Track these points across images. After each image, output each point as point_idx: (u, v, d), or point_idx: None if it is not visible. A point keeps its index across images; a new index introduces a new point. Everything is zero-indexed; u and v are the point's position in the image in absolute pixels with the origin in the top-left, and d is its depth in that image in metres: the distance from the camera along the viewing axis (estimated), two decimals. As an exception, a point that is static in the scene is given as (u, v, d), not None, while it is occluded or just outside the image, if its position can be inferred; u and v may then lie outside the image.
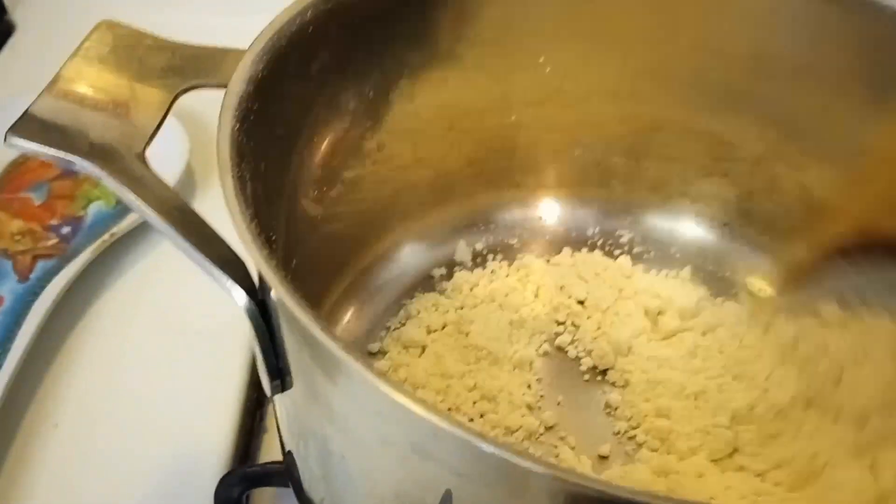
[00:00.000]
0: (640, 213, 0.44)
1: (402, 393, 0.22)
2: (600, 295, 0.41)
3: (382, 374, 0.22)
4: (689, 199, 0.43)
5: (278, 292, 0.24)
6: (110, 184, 0.27)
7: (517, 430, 0.36)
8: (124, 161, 0.27)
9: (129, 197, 0.26)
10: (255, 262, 0.24)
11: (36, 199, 0.48)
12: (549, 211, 0.44)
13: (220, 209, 0.26)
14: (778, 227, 0.41)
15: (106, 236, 0.45)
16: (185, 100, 0.30)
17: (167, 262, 0.46)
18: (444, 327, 0.40)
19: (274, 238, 0.31)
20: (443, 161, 0.41)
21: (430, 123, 0.40)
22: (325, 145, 0.34)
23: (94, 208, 0.47)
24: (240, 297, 0.26)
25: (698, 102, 0.40)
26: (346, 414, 0.25)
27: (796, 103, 0.38)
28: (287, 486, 0.35)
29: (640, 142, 0.42)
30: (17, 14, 0.62)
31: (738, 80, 0.38)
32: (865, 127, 0.35)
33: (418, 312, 0.40)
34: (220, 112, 0.27)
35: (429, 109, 0.39)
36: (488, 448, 0.21)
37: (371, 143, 0.38)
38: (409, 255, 0.42)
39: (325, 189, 0.36)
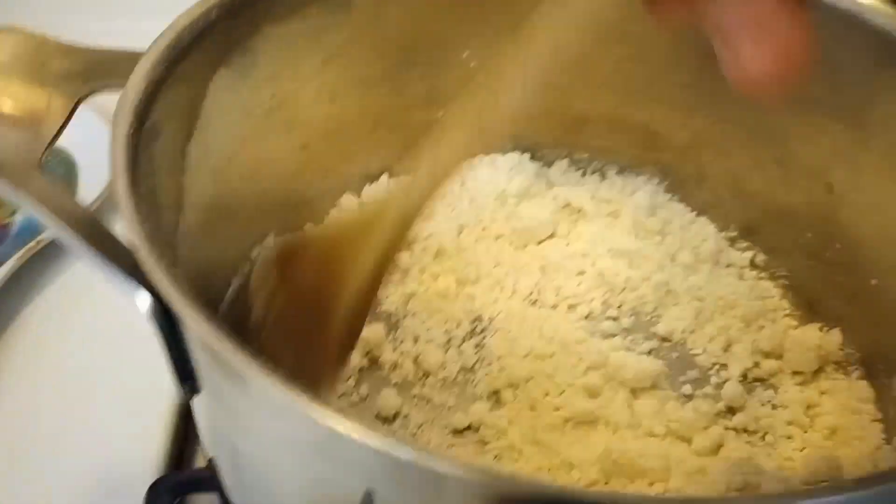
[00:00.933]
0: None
1: (298, 396, 0.22)
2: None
3: (279, 379, 0.22)
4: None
5: (167, 295, 0.24)
6: (10, 196, 0.27)
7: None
8: (23, 173, 0.27)
9: (28, 206, 0.26)
10: (145, 264, 0.24)
11: (-39, 207, 0.47)
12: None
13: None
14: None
15: (32, 243, 0.45)
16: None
17: (93, 269, 0.46)
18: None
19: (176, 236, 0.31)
20: (367, 159, 0.42)
21: (353, 123, 0.40)
22: (227, 145, 0.35)
23: (22, 216, 0.47)
24: (142, 301, 0.27)
25: (623, 94, 0.41)
26: (248, 416, 0.25)
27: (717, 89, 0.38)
28: (216, 491, 0.35)
29: (570, 134, 0.43)
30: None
31: (658, 69, 0.39)
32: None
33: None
34: (115, 114, 0.27)
35: (351, 109, 0.40)
36: (394, 452, 0.21)
37: (294, 143, 0.39)
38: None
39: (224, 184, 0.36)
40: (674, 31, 0.38)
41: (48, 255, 0.46)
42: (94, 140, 0.29)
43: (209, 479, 0.35)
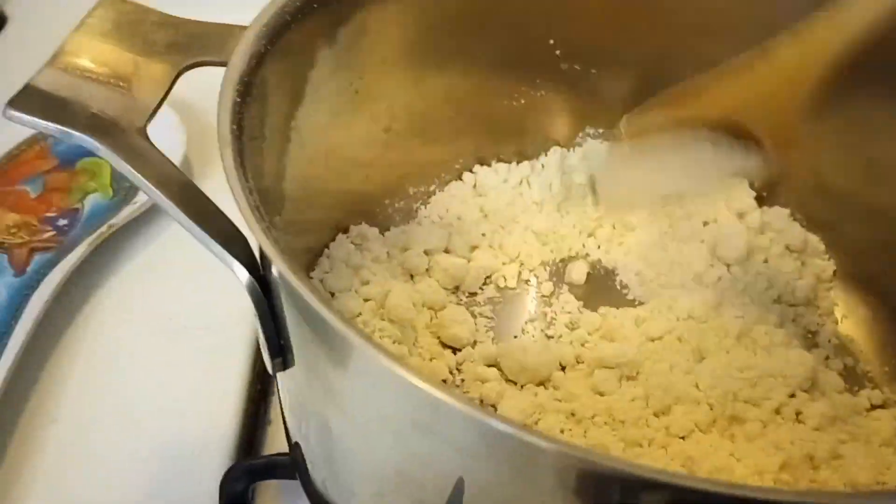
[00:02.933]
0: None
1: (401, 366, 0.22)
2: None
3: (382, 347, 0.23)
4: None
5: (278, 266, 0.24)
6: (109, 157, 0.28)
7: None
8: (125, 136, 0.28)
9: (129, 171, 0.27)
10: (255, 236, 0.25)
11: (31, 191, 0.48)
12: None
13: (219, 198, 0.27)
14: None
15: (103, 228, 0.46)
16: (181, 90, 0.31)
17: (166, 254, 0.47)
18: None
19: (273, 212, 0.32)
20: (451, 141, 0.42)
21: (436, 108, 0.40)
22: (326, 124, 0.35)
23: (91, 200, 0.48)
24: (242, 273, 0.27)
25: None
26: (344, 389, 0.26)
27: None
28: (293, 478, 0.35)
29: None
30: (8, 6, 0.64)
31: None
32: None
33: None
34: (222, 85, 0.28)
35: (435, 92, 0.40)
36: (495, 424, 0.21)
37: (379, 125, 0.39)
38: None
39: (325, 166, 0.36)
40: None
41: (119, 240, 0.47)
42: (160, 123, 0.29)
43: (287, 466, 0.36)
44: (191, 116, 0.49)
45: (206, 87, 0.29)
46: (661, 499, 0.22)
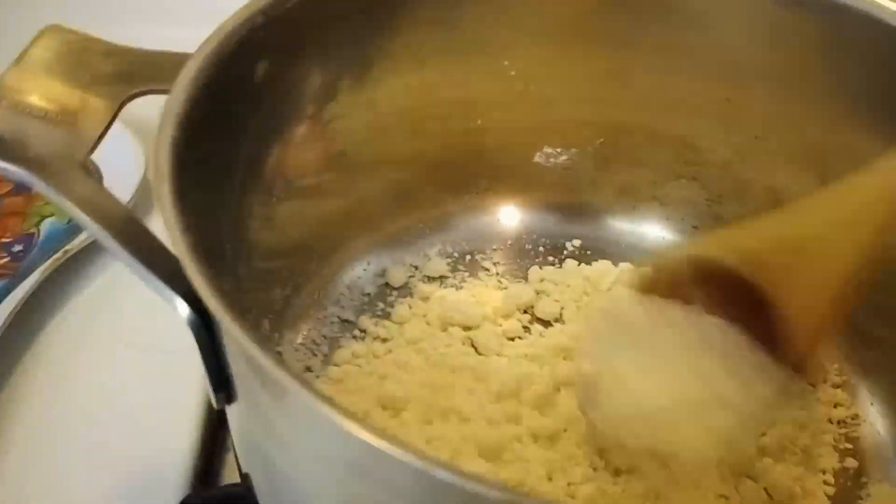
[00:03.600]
0: (607, 218, 0.45)
1: (334, 409, 0.22)
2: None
3: (314, 390, 0.22)
4: (658, 203, 0.44)
5: (211, 306, 0.24)
6: (45, 192, 0.27)
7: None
8: (64, 169, 0.28)
9: (65, 204, 0.27)
10: (189, 273, 0.25)
11: (-14, 217, 0.48)
12: (511, 216, 0.45)
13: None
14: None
15: (59, 254, 0.46)
16: (140, 112, 0.31)
17: (122, 280, 0.46)
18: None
19: (223, 247, 0.32)
20: (407, 167, 0.42)
21: (393, 129, 0.41)
22: (277, 152, 0.35)
23: (47, 225, 0.48)
24: (182, 307, 0.27)
25: (663, 106, 0.41)
26: (284, 428, 0.26)
27: (761, 107, 0.39)
28: (248, 508, 0.35)
29: (607, 146, 0.43)
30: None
31: (702, 83, 0.40)
32: (830, 129, 0.36)
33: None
34: (161, 117, 0.28)
35: (391, 115, 0.40)
36: (424, 467, 0.21)
37: (331, 150, 0.39)
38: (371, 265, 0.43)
39: (277, 198, 0.36)
40: (718, 45, 0.39)
41: (75, 266, 0.47)
42: (117, 147, 0.29)
43: (242, 495, 0.35)
44: (149, 138, 0.49)
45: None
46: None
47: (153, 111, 0.31)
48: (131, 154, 0.49)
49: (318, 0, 0.34)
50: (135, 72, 0.31)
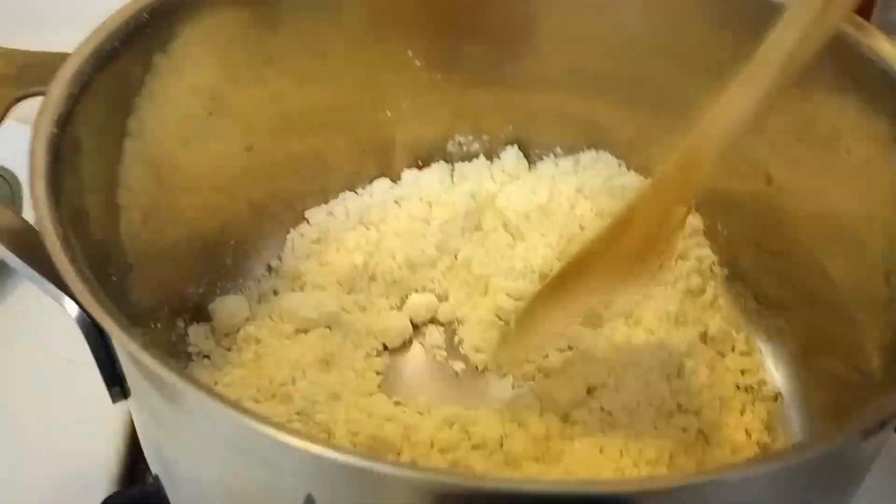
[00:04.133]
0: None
1: (203, 392, 0.22)
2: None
3: (186, 376, 0.23)
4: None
5: (84, 301, 0.24)
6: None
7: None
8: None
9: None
10: (62, 272, 0.25)
11: None
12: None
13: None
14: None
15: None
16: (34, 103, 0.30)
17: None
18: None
19: (120, 247, 0.32)
20: (319, 159, 0.43)
21: (299, 122, 0.41)
22: (165, 148, 0.35)
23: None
24: (71, 307, 0.27)
25: (570, 88, 0.42)
26: (172, 420, 0.26)
27: (660, 84, 0.40)
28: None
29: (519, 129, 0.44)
30: None
31: (605, 64, 0.40)
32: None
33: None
34: (37, 117, 0.28)
35: (297, 108, 0.40)
36: (315, 451, 0.21)
37: (238, 146, 0.40)
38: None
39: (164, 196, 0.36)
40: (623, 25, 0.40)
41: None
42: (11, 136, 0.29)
43: (156, 495, 0.36)
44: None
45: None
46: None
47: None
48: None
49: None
50: (21, 73, 0.31)
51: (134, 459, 0.41)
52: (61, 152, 0.28)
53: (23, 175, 0.47)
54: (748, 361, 0.39)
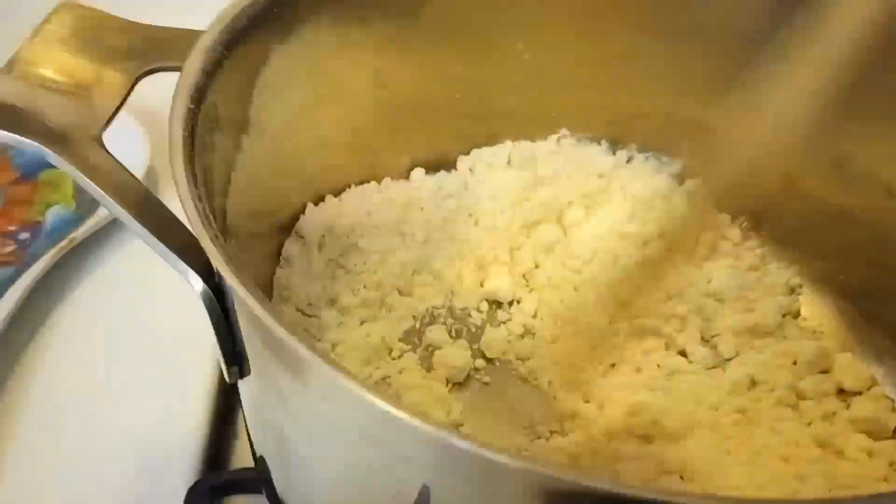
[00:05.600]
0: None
1: (347, 377, 0.22)
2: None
3: (328, 357, 0.23)
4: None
5: (223, 273, 0.24)
6: (60, 165, 0.28)
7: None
8: (79, 144, 0.28)
9: (80, 178, 0.28)
10: (202, 243, 0.25)
11: (-7, 205, 0.49)
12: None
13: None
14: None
15: (64, 242, 0.46)
16: (146, 99, 0.31)
17: (128, 266, 0.47)
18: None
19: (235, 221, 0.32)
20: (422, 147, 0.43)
21: (403, 110, 0.41)
22: (284, 128, 0.36)
23: (53, 213, 0.48)
24: (196, 281, 0.27)
25: (680, 89, 0.42)
26: (299, 400, 0.26)
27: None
28: (259, 492, 0.35)
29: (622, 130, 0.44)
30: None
31: (718, 64, 0.40)
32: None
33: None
34: (175, 92, 0.28)
35: (402, 95, 0.41)
36: (431, 432, 0.21)
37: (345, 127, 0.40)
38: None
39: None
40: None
41: (82, 253, 0.47)
42: (123, 134, 0.30)
43: (253, 480, 0.36)
44: (155, 126, 0.49)
45: (171, 97, 0.29)
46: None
47: (159, 100, 0.31)
48: (138, 140, 0.49)
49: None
50: (149, 48, 0.32)
51: (219, 444, 0.42)
52: (196, 127, 0.28)
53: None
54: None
